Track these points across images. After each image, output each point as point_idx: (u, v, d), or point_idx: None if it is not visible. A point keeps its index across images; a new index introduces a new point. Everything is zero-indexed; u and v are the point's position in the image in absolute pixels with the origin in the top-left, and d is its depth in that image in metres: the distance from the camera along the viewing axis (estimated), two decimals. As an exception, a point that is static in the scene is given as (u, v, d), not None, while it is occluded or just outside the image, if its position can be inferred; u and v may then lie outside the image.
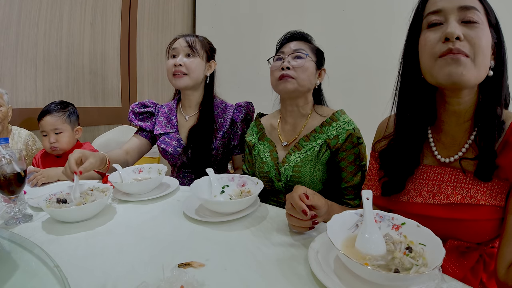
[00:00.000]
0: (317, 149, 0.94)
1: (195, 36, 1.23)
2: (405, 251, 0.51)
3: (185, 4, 2.80)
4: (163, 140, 1.27)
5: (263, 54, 1.10)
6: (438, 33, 0.58)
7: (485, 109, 0.61)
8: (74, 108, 1.43)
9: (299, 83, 0.94)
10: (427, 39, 0.60)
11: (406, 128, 0.69)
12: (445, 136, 0.67)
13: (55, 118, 1.32)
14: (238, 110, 1.27)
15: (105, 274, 0.53)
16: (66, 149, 1.34)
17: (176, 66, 1.17)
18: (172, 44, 1.22)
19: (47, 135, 1.32)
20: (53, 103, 1.37)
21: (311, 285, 0.49)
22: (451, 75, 0.56)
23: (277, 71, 0.95)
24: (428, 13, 0.61)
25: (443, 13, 0.58)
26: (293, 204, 0.64)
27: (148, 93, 2.56)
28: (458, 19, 0.57)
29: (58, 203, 0.80)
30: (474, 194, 0.59)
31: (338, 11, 2.10)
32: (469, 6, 0.57)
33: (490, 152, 0.58)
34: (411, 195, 0.67)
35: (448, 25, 0.57)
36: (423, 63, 0.62)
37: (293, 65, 0.94)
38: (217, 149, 1.23)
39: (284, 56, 0.96)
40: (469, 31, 0.56)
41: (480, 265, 0.62)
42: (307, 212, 0.61)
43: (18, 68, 1.72)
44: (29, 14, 1.73)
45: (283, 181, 0.98)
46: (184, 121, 1.29)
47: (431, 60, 0.59)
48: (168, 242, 0.65)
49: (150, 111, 1.33)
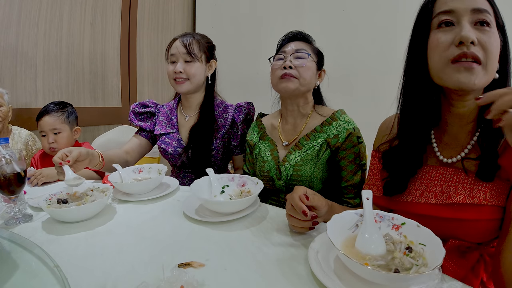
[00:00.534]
0: (318, 148, 0.94)
1: (192, 36, 1.21)
2: (405, 251, 0.51)
3: (185, 4, 2.80)
4: (163, 140, 1.27)
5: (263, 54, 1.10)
6: (450, 35, 0.57)
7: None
8: (73, 108, 1.42)
9: (301, 82, 0.94)
10: (439, 40, 0.59)
11: (410, 129, 0.68)
12: (447, 137, 0.67)
13: (53, 118, 1.32)
14: (239, 111, 1.26)
15: (105, 274, 0.53)
16: None
17: (176, 73, 1.18)
18: (170, 47, 1.22)
19: (46, 136, 1.32)
20: (51, 103, 1.36)
21: (311, 285, 0.49)
22: (462, 83, 0.56)
23: (279, 70, 0.95)
24: (439, 12, 0.59)
25: (455, 14, 0.57)
26: (293, 205, 0.64)
27: (148, 93, 2.56)
28: (471, 21, 0.56)
29: (58, 203, 0.80)
30: (476, 194, 0.59)
31: (338, 11, 2.10)
32: (482, 9, 0.56)
33: (492, 152, 0.58)
34: (413, 195, 0.67)
35: (462, 28, 0.56)
36: (433, 65, 0.61)
37: (295, 64, 0.94)
38: (217, 149, 1.23)
39: (286, 55, 0.96)
40: (482, 35, 0.56)
41: (480, 264, 0.62)
42: (307, 213, 0.61)
43: (18, 68, 1.72)
44: (29, 14, 1.73)
45: (284, 180, 0.98)
46: (184, 121, 1.29)
47: (442, 63, 0.58)
48: (168, 242, 0.65)
49: (150, 111, 1.33)
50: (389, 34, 1.89)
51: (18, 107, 1.70)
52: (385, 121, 0.81)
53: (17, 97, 1.72)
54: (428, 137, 0.69)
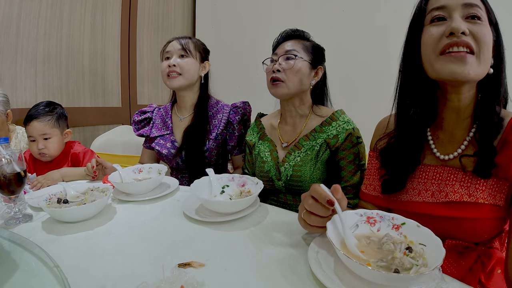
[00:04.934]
0: (317, 149, 0.94)
1: (189, 38, 1.23)
2: (405, 251, 0.51)
3: (185, 4, 2.80)
4: (158, 142, 1.28)
5: (263, 54, 1.10)
6: (441, 28, 0.59)
7: (484, 106, 0.61)
8: (62, 109, 1.33)
9: (289, 86, 0.94)
10: (430, 33, 0.60)
11: (407, 127, 0.69)
12: (443, 133, 0.67)
13: (43, 123, 1.22)
14: (234, 112, 1.25)
15: (105, 274, 0.53)
16: (55, 155, 1.27)
17: (170, 66, 1.18)
18: (166, 47, 1.23)
19: (35, 141, 1.23)
20: (39, 106, 1.25)
21: (311, 285, 0.49)
22: (455, 73, 0.56)
23: (270, 74, 0.96)
24: (432, 8, 0.61)
25: (447, 9, 0.59)
26: (315, 198, 0.58)
27: (148, 93, 2.56)
28: (462, 15, 0.57)
29: (58, 203, 0.80)
30: (473, 192, 0.59)
31: (338, 11, 2.10)
32: (473, 3, 0.57)
33: (489, 147, 0.58)
34: (410, 194, 0.67)
35: (452, 20, 0.57)
36: (425, 57, 0.62)
37: (283, 67, 0.94)
38: (210, 150, 1.22)
39: (277, 57, 0.96)
40: (474, 26, 0.57)
41: (478, 265, 0.62)
42: (333, 201, 0.55)
43: (18, 68, 1.72)
44: (29, 14, 1.73)
45: (283, 180, 0.98)
46: (179, 122, 1.29)
47: (434, 55, 0.59)
48: (168, 242, 0.65)
49: (147, 117, 1.34)
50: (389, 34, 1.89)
51: (18, 107, 1.70)
52: (381, 121, 0.82)
53: (17, 97, 1.72)
54: (425, 135, 0.69)
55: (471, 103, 0.63)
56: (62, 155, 1.30)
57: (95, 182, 1.02)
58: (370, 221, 0.59)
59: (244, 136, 1.22)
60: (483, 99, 0.62)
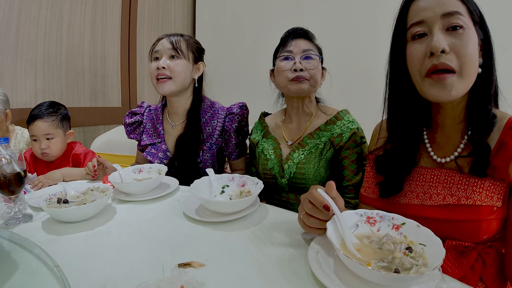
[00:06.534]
0: (321, 147, 0.95)
1: (180, 36, 1.12)
2: (405, 251, 0.51)
3: (185, 4, 2.80)
4: (149, 152, 1.19)
5: (263, 54, 1.10)
6: (423, 46, 0.58)
7: (475, 106, 0.61)
8: (66, 109, 1.34)
9: (312, 84, 0.96)
10: (413, 53, 0.60)
11: (400, 132, 0.69)
12: (440, 137, 0.68)
13: (47, 123, 1.22)
14: (231, 119, 1.16)
15: (105, 274, 0.53)
16: (57, 155, 1.28)
17: (159, 69, 1.07)
18: (155, 45, 1.11)
19: (38, 140, 1.23)
20: (43, 106, 1.26)
21: (311, 285, 0.49)
22: (438, 96, 0.58)
23: (289, 72, 0.95)
24: (411, 24, 0.60)
25: (427, 23, 0.58)
26: (312, 202, 0.58)
27: (148, 93, 2.56)
28: (443, 27, 0.57)
29: (58, 203, 0.80)
30: (470, 194, 0.59)
31: (338, 11, 2.09)
32: (452, 11, 0.56)
33: (482, 145, 0.59)
34: (408, 197, 0.67)
35: (432, 37, 0.56)
36: (413, 76, 0.62)
37: (305, 66, 0.95)
38: (204, 162, 1.15)
39: (294, 56, 0.96)
40: (455, 40, 0.56)
41: (479, 263, 0.63)
42: (329, 207, 0.55)
43: (18, 68, 1.72)
44: (29, 14, 1.73)
45: (287, 178, 0.98)
46: (171, 129, 1.19)
47: (419, 78, 0.60)
48: (168, 242, 0.65)
49: (137, 119, 1.26)
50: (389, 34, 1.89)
51: (18, 107, 1.70)
52: (377, 126, 0.83)
53: (17, 97, 1.72)
54: (421, 137, 0.69)
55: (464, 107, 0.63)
56: (63, 155, 1.30)
57: (95, 182, 1.02)
58: (370, 221, 0.59)
59: (242, 142, 1.21)
60: (474, 98, 0.62)
